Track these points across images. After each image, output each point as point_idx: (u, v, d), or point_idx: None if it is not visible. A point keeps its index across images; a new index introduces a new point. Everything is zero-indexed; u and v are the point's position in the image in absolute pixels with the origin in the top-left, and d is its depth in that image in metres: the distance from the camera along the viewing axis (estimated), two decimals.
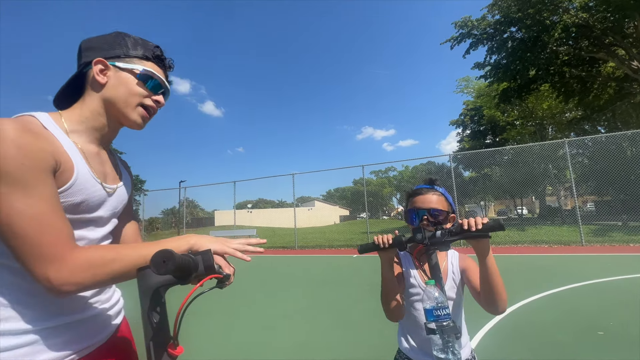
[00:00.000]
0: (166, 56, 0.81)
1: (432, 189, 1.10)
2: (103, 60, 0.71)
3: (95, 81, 0.71)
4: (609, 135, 12.58)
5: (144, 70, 0.74)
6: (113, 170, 0.80)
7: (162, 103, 0.80)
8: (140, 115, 0.76)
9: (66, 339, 0.63)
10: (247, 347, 2.90)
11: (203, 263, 0.58)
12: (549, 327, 2.96)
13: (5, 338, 0.56)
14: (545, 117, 21.33)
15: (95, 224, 0.71)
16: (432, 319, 0.79)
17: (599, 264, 6.11)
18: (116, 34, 0.75)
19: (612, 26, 12.44)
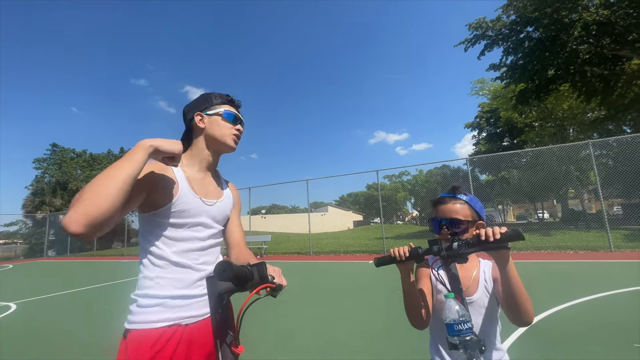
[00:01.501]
0: (235, 98, 1.16)
1: (454, 197, 1.08)
2: (200, 113, 1.08)
3: (198, 127, 1.08)
4: (635, 135, 12.04)
5: (224, 111, 1.10)
6: (216, 190, 1.12)
7: (242, 130, 1.15)
8: (232, 140, 1.11)
9: (197, 304, 0.96)
10: (263, 356, 2.90)
11: (258, 273, 0.68)
12: (579, 338, 2.83)
13: (146, 299, 0.91)
14: (566, 118, 20.61)
15: (201, 226, 1.02)
16: (453, 333, 0.78)
17: (630, 271, 5.80)
18: (203, 95, 1.13)
19: (636, 22, 11.96)
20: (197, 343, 0.93)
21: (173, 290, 0.93)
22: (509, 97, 19.71)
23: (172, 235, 0.96)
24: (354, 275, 7.30)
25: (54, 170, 30.49)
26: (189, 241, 0.99)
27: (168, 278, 0.93)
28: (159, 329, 0.88)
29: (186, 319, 0.93)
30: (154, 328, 0.88)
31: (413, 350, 2.75)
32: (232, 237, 1.17)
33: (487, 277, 1.06)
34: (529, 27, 13.92)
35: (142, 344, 0.86)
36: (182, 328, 0.92)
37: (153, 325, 0.88)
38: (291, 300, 5.02)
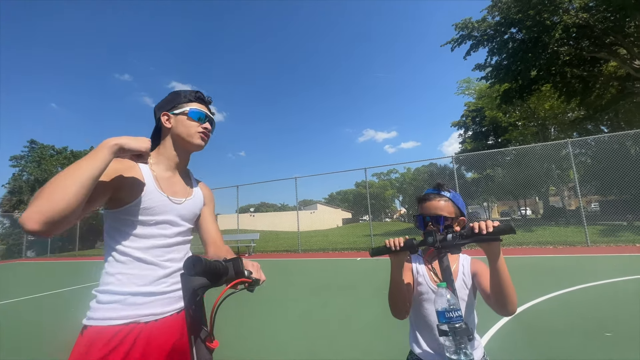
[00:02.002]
0: (205, 94, 1.14)
1: (439, 194, 1.11)
2: (166, 112, 1.08)
3: (165, 127, 1.08)
4: (612, 134, 12.54)
5: (190, 109, 1.08)
6: (184, 188, 1.11)
7: (209, 128, 1.12)
8: (199, 138, 1.09)
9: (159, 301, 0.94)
10: (252, 352, 2.90)
11: (233, 268, 0.68)
12: (557, 329, 2.95)
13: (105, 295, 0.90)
14: (547, 118, 21.28)
15: (168, 224, 1.02)
16: (444, 320, 0.80)
17: (605, 264, 6.07)
18: (172, 93, 1.12)
19: (613, 26, 12.43)
20: (156, 341, 0.91)
21: (133, 287, 0.91)
22: (493, 97, 20.19)
23: (137, 232, 0.95)
24: (342, 273, 7.35)
25: (33, 168, 29.39)
26: (155, 238, 0.98)
27: (129, 274, 0.92)
28: (115, 327, 0.87)
29: (146, 317, 0.91)
30: (109, 325, 0.86)
31: (398, 345, 2.81)
32: (207, 234, 1.16)
33: (466, 271, 1.10)
34: (512, 29, 14.27)
35: (96, 341, 0.85)
36: (140, 326, 0.89)
37: (109, 322, 0.87)
38: (279, 297, 5.03)
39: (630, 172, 11.68)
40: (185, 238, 1.09)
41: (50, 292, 6.78)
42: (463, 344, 0.78)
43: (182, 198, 1.08)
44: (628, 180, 11.85)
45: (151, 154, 1.06)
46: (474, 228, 0.86)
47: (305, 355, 2.76)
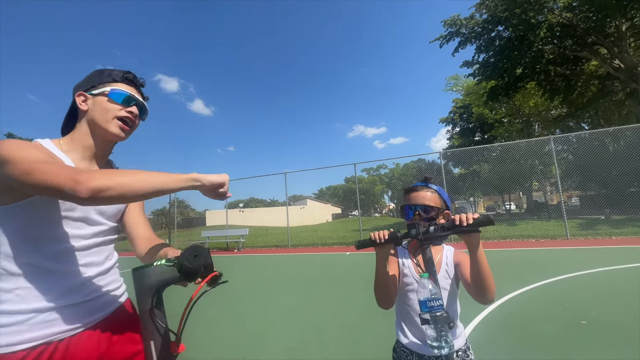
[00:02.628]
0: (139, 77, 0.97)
1: (426, 186, 1.15)
2: (82, 92, 0.90)
3: (80, 110, 0.91)
4: (592, 132, 12.99)
5: (112, 89, 0.90)
6: None
7: (135, 113, 0.94)
8: (118, 127, 0.91)
9: (75, 314, 0.80)
10: (241, 346, 2.91)
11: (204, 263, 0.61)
12: (535, 318, 3.07)
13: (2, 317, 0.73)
14: (532, 115, 21.82)
15: (84, 222, 0.86)
16: (425, 309, 0.83)
17: (583, 256, 6.32)
18: (94, 72, 0.94)
19: (595, 26, 12.79)
20: (77, 358, 0.78)
21: (40, 303, 0.75)
22: (480, 94, 20.54)
23: (43, 234, 0.78)
24: (331, 267, 7.41)
25: None
26: (67, 241, 0.81)
27: (32, 288, 0.75)
28: (19, 353, 0.71)
29: (59, 335, 0.76)
30: (10, 353, 0.71)
31: (386, 337, 2.87)
32: (134, 230, 1.01)
33: (449, 261, 1.13)
34: (499, 26, 14.50)
35: None
36: (53, 346, 0.75)
37: (11, 348, 0.71)
38: (268, 291, 5.04)
39: (609, 168, 12.15)
40: (107, 238, 0.93)
41: None
42: (444, 332, 0.81)
43: None
44: (606, 176, 12.32)
45: (63, 140, 0.90)
46: (455, 220, 0.90)
47: (295, 348, 2.78)
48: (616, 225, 10.08)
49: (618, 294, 3.61)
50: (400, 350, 1.12)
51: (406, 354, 1.09)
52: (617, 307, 3.19)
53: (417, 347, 1.06)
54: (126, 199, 0.73)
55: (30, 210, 0.76)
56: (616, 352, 2.31)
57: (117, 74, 0.93)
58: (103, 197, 0.67)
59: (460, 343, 1.08)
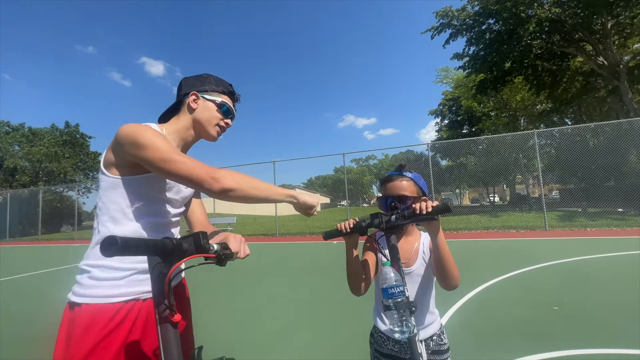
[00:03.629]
0: (236, 91, 1.15)
1: (401, 175, 1.14)
2: (196, 92, 1.06)
3: (190, 106, 1.05)
4: (574, 127, 13.37)
5: (221, 101, 1.08)
6: None
7: (230, 124, 1.14)
8: (216, 132, 1.10)
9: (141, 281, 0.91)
10: (229, 333, 2.94)
11: (194, 243, 0.68)
12: (510, 304, 3.20)
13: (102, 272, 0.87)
14: (518, 109, 22.25)
15: (172, 203, 1.02)
16: (387, 296, 0.85)
17: (559, 247, 6.60)
18: (206, 75, 1.10)
19: (582, 22, 13.01)
20: (153, 318, 0.89)
21: (134, 264, 0.89)
22: (469, 87, 20.74)
23: (142, 206, 0.92)
24: (318, 256, 7.50)
25: None
26: (159, 215, 0.96)
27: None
28: (116, 304, 0.84)
29: (145, 294, 0.90)
30: (109, 303, 0.84)
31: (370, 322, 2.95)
32: (193, 216, 1.16)
33: (426, 248, 1.15)
34: (490, 19, 14.56)
35: (95, 319, 0.82)
36: (139, 303, 0.89)
37: (109, 300, 0.84)
38: (256, 279, 5.07)
39: (588, 163, 12.59)
40: (178, 220, 1.08)
41: (7, 278, 6.42)
42: (404, 317, 0.84)
43: None
44: (586, 171, 12.77)
45: (166, 126, 1.04)
46: (415, 209, 0.92)
47: (282, 335, 2.83)
48: (592, 217, 10.54)
49: (589, 283, 3.80)
50: (377, 335, 1.15)
51: (383, 340, 1.12)
52: (588, 295, 3.36)
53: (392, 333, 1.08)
54: (241, 201, 0.90)
55: (142, 185, 0.92)
56: (585, 336, 2.45)
57: (225, 85, 1.11)
58: (229, 196, 0.87)
59: (435, 328, 1.11)
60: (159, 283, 0.65)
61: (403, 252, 1.13)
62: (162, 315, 0.65)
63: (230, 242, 0.82)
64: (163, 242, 0.63)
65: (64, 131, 29.73)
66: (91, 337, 0.80)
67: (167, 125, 1.05)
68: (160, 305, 0.65)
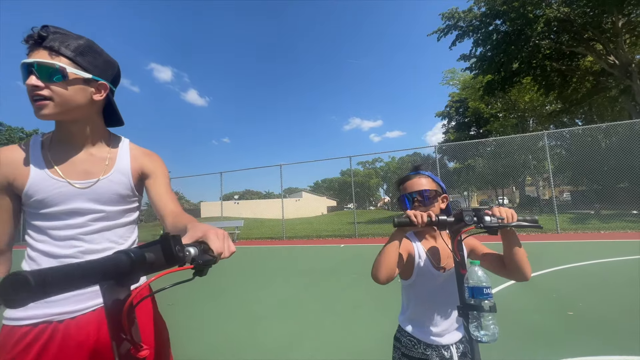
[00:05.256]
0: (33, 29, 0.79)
1: (419, 173, 1.15)
2: None
3: None
4: (585, 127, 13.14)
5: (21, 64, 0.78)
6: (94, 167, 0.92)
7: (35, 84, 0.77)
8: (35, 107, 0.80)
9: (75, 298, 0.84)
10: (237, 337, 2.94)
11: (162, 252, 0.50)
12: (524, 309, 3.14)
13: None
14: (527, 110, 21.95)
15: (75, 213, 0.87)
16: (481, 296, 0.82)
17: (572, 250, 6.46)
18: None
19: (591, 21, 12.81)
20: (73, 341, 0.83)
21: None
22: (477, 88, 20.56)
23: (43, 226, 0.85)
24: (325, 259, 7.48)
25: None
26: (65, 230, 0.86)
27: None
28: (23, 327, 0.80)
29: (59, 316, 0.82)
30: (17, 326, 0.80)
31: (379, 327, 2.93)
32: (160, 208, 0.97)
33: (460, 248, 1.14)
34: (497, 20, 14.44)
35: (6, 341, 0.80)
36: (53, 326, 0.82)
37: (17, 322, 0.80)
38: (263, 282, 5.08)
39: (600, 164, 12.33)
40: (110, 223, 0.93)
41: None
42: (491, 319, 0.82)
43: (93, 179, 0.90)
44: (598, 172, 12.50)
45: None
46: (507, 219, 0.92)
47: (290, 339, 2.82)
48: (605, 219, 10.29)
49: (604, 287, 3.71)
50: (405, 339, 1.11)
51: (413, 343, 1.09)
52: (603, 299, 3.28)
53: (425, 336, 1.07)
54: None
55: (25, 205, 0.85)
56: (600, 342, 2.38)
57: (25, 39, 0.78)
58: None
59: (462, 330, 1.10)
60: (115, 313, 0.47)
61: (436, 255, 1.13)
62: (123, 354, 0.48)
63: (211, 241, 0.59)
64: (113, 258, 0.45)
65: None
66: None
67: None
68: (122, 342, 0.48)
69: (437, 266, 1.10)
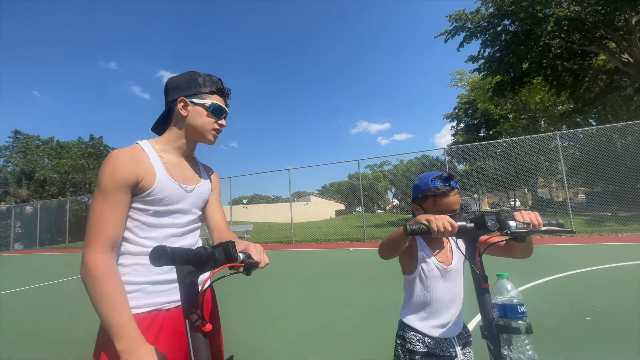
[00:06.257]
0: (225, 86, 1.10)
1: (454, 188, 1.08)
2: (184, 99, 1.01)
3: (179, 114, 1.02)
4: (599, 127, 12.80)
5: (212, 103, 1.03)
6: (193, 175, 1.09)
7: (224, 125, 1.09)
8: (212, 136, 1.07)
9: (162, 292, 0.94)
10: (247, 341, 2.95)
11: (224, 252, 0.69)
12: (540, 314, 3.07)
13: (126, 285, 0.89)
14: (538, 110, 21.57)
15: (180, 212, 1.01)
16: (514, 316, 0.72)
17: (588, 253, 6.28)
18: (190, 74, 1.04)
19: (603, 19, 12.56)
20: (180, 327, 0.92)
21: (153, 276, 0.92)
22: (486, 89, 20.32)
23: (150, 222, 0.94)
24: (334, 262, 7.45)
25: (19, 158, 28.60)
26: (168, 228, 0.97)
27: (146, 264, 0.91)
28: (139, 315, 0.88)
29: (167, 304, 0.93)
30: (134, 314, 0.86)
31: (389, 331, 2.89)
32: (212, 220, 1.16)
33: (459, 242, 1.14)
34: (505, 20, 14.29)
35: None
36: (163, 313, 0.91)
37: (135, 310, 0.87)
38: (272, 286, 5.09)
39: (616, 164, 11.99)
40: (196, 225, 1.08)
41: (39, 284, 6.72)
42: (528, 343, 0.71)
43: (192, 185, 1.06)
44: (614, 173, 12.17)
45: (159, 140, 1.04)
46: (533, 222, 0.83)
47: (299, 343, 2.82)
48: (623, 222, 9.98)
49: (623, 291, 3.59)
50: (410, 334, 1.09)
51: (418, 338, 1.08)
52: (622, 304, 3.17)
53: (429, 330, 1.07)
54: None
55: (139, 204, 0.93)
56: (619, 349, 2.30)
57: (212, 84, 1.05)
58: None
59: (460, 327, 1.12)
60: (191, 292, 0.65)
61: (438, 250, 1.12)
62: (193, 325, 0.65)
63: (251, 252, 0.81)
64: (200, 251, 0.65)
65: (89, 143, 31.13)
66: None
67: (160, 139, 1.04)
68: (192, 315, 0.65)
69: (440, 260, 1.11)
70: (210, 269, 0.67)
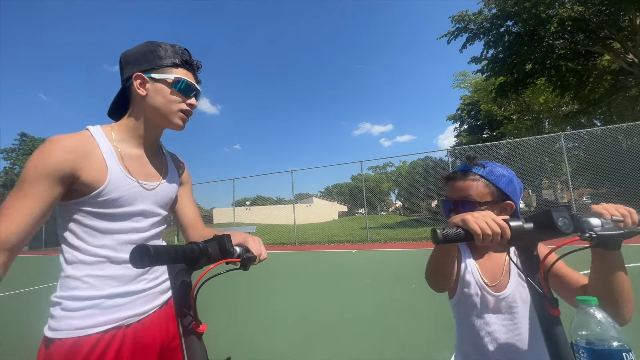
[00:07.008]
0: (194, 58, 0.89)
1: (467, 172, 0.85)
2: (140, 74, 0.81)
3: (137, 94, 0.83)
4: (604, 128, 12.71)
5: (175, 78, 0.83)
6: (158, 169, 0.91)
7: (195, 105, 0.88)
8: (180, 119, 0.87)
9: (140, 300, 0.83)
10: (249, 343, 2.96)
11: (219, 247, 0.63)
12: None
13: (73, 302, 0.76)
14: (542, 111, 21.46)
15: (140, 215, 0.84)
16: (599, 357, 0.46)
17: (585, 255, 6.21)
18: (148, 45, 0.84)
19: (608, 19, 12.49)
20: (143, 343, 0.81)
21: (109, 289, 0.78)
22: (489, 90, 20.27)
23: (104, 228, 0.78)
24: (337, 264, 7.44)
25: (25, 161, 28.97)
26: (127, 233, 0.81)
27: (102, 276, 0.78)
28: (92, 336, 0.74)
29: (128, 319, 0.80)
30: (85, 335, 0.73)
31: (392, 334, 2.89)
32: (185, 218, 1.01)
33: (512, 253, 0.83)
34: (508, 21, 14.28)
35: (71, 355, 0.72)
36: (122, 331, 0.78)
37: (84, 332, 0.74)
38: (275, 288, 5.10)
39: (622, 165, 11.89)
40: (161, 228, 0.93)
41: (46, 285, 6.78)
42: None
43: (155, 182, 0.89)
44: (620, 173, 12.06)
45: (115, 128, 0.85)
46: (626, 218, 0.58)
47: (302, 345, 2.82)
48: None
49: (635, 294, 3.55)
50: None
51: None
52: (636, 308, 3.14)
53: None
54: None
55: (89, 206, 0.77)
56: None
57: (176, 55, 0.84)
58: None
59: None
60: (183, 292, 0.59)
61: (488, 271, 0.86)
62: (186, 327, 0.59)
63: (249, 245, 0.73)
64: (190, 247, 0.59)
65: None
66: None
67: (117, 126, 0.85)
68: (185, 317, 0.59)
69: (489, 284, 0.84)
70: (203, 265, 0.62)
